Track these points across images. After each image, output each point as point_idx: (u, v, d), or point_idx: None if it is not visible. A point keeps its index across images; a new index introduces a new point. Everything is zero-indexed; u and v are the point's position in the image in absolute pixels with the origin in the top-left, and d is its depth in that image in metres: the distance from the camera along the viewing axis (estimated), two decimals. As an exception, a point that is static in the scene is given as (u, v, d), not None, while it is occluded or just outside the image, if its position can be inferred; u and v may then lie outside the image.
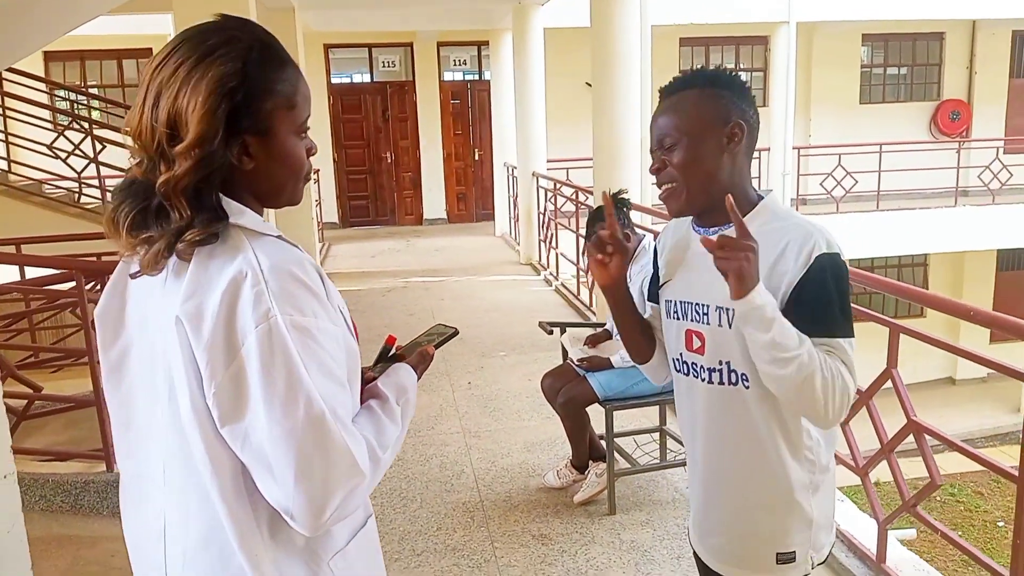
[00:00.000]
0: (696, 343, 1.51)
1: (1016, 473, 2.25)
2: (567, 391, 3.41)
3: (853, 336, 1.40)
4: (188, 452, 1.07)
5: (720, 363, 1.48)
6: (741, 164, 1.48)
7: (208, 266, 1.04)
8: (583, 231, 7.23)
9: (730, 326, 1.44)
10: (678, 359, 1.57)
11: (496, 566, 3.05)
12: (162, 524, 1.14)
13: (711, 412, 1.53)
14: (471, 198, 13.42)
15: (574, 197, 7.55)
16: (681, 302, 1.54)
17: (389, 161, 13.07)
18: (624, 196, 3.45)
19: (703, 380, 1.52)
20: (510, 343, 6.02)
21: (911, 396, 2.71)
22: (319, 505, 1.01)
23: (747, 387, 1.46)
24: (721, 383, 1.49)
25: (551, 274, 8.24)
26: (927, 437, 2.65)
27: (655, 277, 1.68)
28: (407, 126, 13.06)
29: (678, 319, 1.55)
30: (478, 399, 4.90)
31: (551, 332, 3.89)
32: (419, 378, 1.34)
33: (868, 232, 11.35)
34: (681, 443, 3.70)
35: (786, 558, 1.52)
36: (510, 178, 10.60)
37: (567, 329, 3.90)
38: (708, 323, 1.48)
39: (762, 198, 1.51)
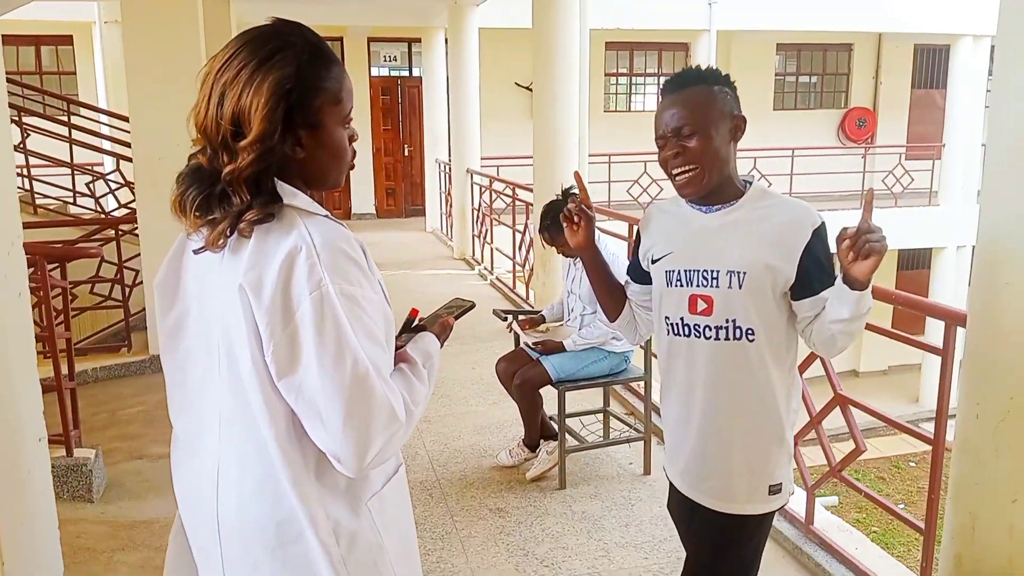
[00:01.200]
0: (702, 306, 1.73)
1: (932, 438, 2.57)
2: (522, 374, 3.61)
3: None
4: (246, 406, 1.21)
5: (727, 321, 1.71)
6: (736, 152, 1.73)
7: (266, 241, 1.19)
8: (519, 227, 7.49)
9: (740, 287, 1.68)
10: (678, 323, 1.78)
11: (458, 537, 3.23)
12: (215, 474, 1.27)
13: (715, 366, 1.75)
14: (400, 193, 13.48)
15: (510, 193, 7.76)
16: (686, 271, 1.75)
17: (317, 155, 12.97)
18: (575, 191, 3.66)
19: (708, 338, 1.74)
20: (452, 334, 6.16)
21: (820, 388, 3.02)
22: (363, 449, 1.17)
23: (751, 340, 1.71)
24: (727, 339, 1.72)
25: (486, 268, 8.43)
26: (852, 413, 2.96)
27: (635, 260, 1.92)
28: (335, 120, 13.00)
29: (681, 286, 1.76)
30: (424, 386, 5.04)
31: (505, 319, 4.08)
32: (441, 345, 1.52)
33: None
34: (624, 422, 3.96)
35: (775, 489, 1.79)
36: (442, 174, 10.74)
37: (518, 317, 4.10)
38: (718, 286, 1.71)
39: (749, 182, 1.76)
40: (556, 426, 3.66)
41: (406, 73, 13.31)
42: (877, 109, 14.97)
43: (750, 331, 1.71)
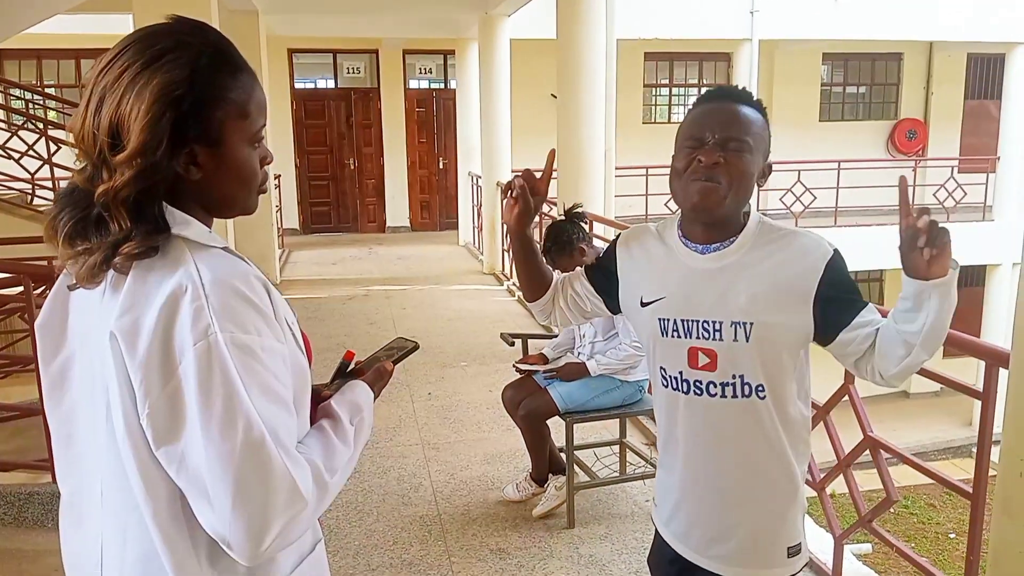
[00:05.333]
0: (703, 360, 1.53)
1: (970, 490, 2.28)
2: (528, 403, 3.38)
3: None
4: (125, 473, 1.03)
5: (734, 377, 1.51)
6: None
7: (147, 279, 1.01)
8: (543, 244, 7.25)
9: (747, 339, 1.48)
10: (677, 377, 1.57)
11: (453, 581, 3.02)
12: (99, 548, 1.09)
13: (720, 426, 1.55)
14: (435, 207, 13.36)
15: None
16: (683, 320, 1.54)
17: (352, 168, 12.97)
18: (579, 210, 3.47)
19: (712, 396, 1.53)
20: (471, 353, 5.99)
21: (866, 410, 2.73)
22: (257, 533, 0.97)
23: (762, 397, 1.51)
24: (735, 396, 1.52)
25: (514, 284, 8.22)
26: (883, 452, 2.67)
27: (611, 273, 1.70)
28: (371, 133, 12.98)
29: (679, 337, 1.55)
30: (438, 410, 4.85)
31: (513, 344, 3.86)
32: (376, 396, 1.30)
33: (826, 247, 11.56)
34: (642, 457, 3.71)
35: (794, 551, 1.59)
36: (474, 187, 10.58)
37: (529, 340, 3.88)
38: (722, 339, 1.50)
39: (747, 213, 1.58)
40: (566, 459, 3.43)
41: (442, 86, 13.20)
42: (928, 120, 14.42)
43: (760, 388, 1.50)
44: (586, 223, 3.42)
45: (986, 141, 13.45)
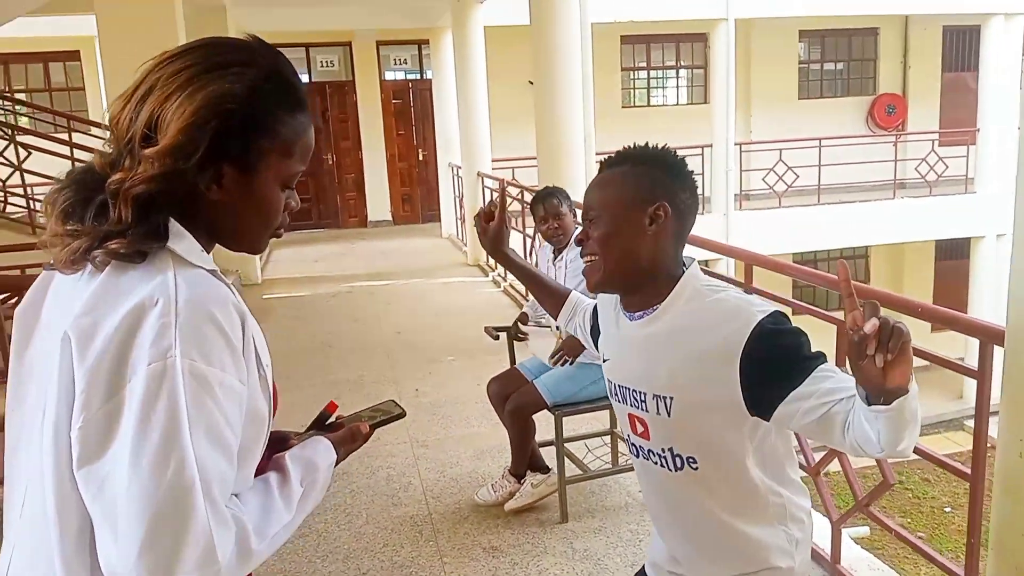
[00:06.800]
0: (640, 427, 1.48)
1: (968, 471, 2.24)
2: (516, 398, 3.30)
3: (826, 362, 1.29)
4: (43, 491, 0.93)
5: (663, 450, 1.44)
6: (664, 246, 1.41)
7: (119, 282, 0.93)
8: (530, 231, 7.18)
9: (669, 414, 1.39)
10: (628, 440, 1.55)
11: (446, 582, 2.95)
12: (8, 562, 0.99)
13: (668, 494, 1.51)
14: (416, 199, 13.25)
15: (520, 197, 7.48)
16: (620, 385, 1.50)
17: (331, 163, 12.84)
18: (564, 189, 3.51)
19: (653, 464, 1.48)
20: (458, 347, 5.91)
21: None
22: None
23: (695, 468, 1.42)
24: (670, 468, 1.45)
25: (499, 275, 8.15)
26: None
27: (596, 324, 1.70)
28: (348, 127, 12.84)
29: (619, 402, 1.52)
30: (426, 406, 4.78)
31: (497, 337, 3.78)
32: (341, 460, 1.18)
33: (810, 226, 11.54)
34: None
35: None
36: (455, 178, 10.49)
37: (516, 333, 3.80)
38: (647, 411, 1.43)
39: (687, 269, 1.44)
40: (556, 452, 3.35)
41: (417, 76, 13.08)
42: (907, 95, 14.43)
43: (691, 459, 1.41)
44: (571, 201, 3.43)
45: (965, 113, 13.45)
